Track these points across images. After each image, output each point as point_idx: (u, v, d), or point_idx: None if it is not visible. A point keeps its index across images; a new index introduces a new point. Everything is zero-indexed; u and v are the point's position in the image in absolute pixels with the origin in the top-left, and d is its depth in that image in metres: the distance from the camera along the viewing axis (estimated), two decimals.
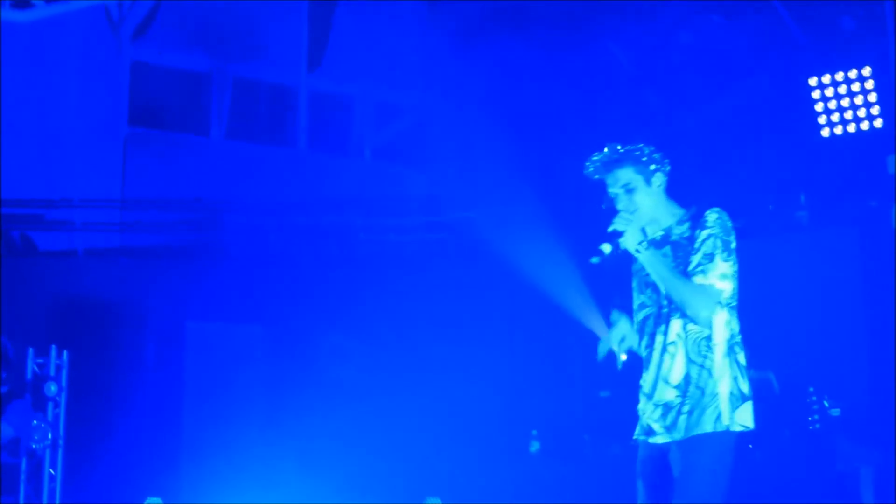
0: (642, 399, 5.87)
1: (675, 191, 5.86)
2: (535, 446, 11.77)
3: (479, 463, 11.60)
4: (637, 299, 5.97)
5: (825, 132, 11.09)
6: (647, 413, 5.82)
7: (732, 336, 5.75)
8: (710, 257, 5.64)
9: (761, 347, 6.40)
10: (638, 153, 5.89)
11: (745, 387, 5.73)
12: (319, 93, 13.30)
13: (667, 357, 5.75)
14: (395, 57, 13.25)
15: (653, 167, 5.84)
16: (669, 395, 5.71)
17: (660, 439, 5.74)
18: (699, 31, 11.70)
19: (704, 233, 5.68)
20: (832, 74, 11.01)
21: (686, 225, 5.78)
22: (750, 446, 10.05)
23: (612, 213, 5.81)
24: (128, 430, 11.35)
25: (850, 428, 10.13)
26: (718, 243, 5.66)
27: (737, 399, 5.68)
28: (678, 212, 5.85)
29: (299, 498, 10.88)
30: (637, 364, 12.38)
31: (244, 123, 12.96)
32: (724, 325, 5.71)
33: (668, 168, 5.87)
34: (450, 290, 12.48)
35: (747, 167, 11.05)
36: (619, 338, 5.91)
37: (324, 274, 12.31)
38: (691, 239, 5.71)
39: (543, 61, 12.19)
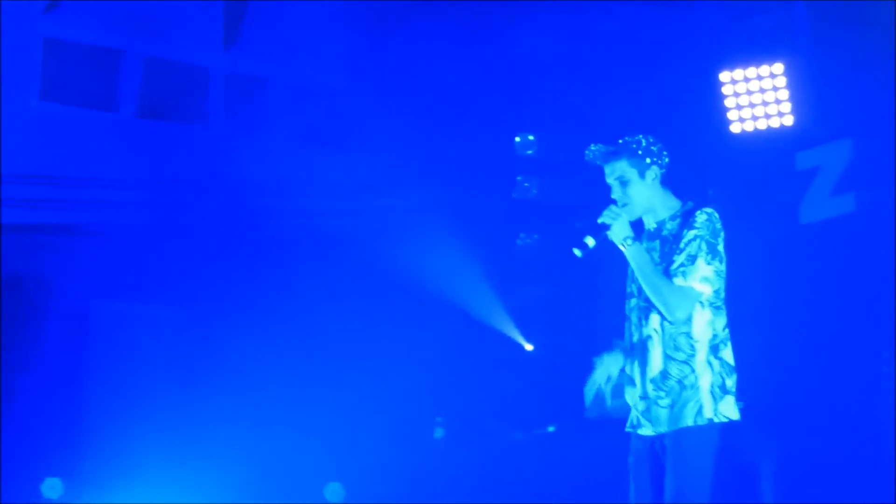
0: (628, 389, 6.04)
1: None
2: (439, 433, 11.78)
3: (382, 448, 11.58)
4: (628, 287, 6.08)
5: (735, 128, 11.16)
6: (634, 404, 6.00)
7: (716, 335, 5.84)
8: (692, 259, 5.76)
9: None
10: (635, 146, 5.97)
11: (729, 382, 5.84)
12: (235, 73, 13.18)
13: (645, 351, 5.90)
14: (312, 38, 13.16)
15: (648, 160, 5.94)
16: (649, 388, 5.87)
17: (644, 431, 5.92)
18: (618, 21, 11.74)
19: (691, 233, 5.80)
20: (744, 70, 11.08)
21: (677, 221, 5.90)
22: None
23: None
24: (29, 410, 11.21)
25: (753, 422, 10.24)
26: (703, 245, 5.77)
27: (719, 393, 5.79)
28: (674, 204, 5.99)
29: (202, 480, 10.83)
30: (545, 356, 12.45)
31: (156, 101, 12.81)
32: (706, 325, 5.82)
33: (666, 160, 5.98)
34: (362, 275, 12.44)
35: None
36: (604, 377, 6.07)
37: (234, 255, 12.23)
38: (678, 237, 5.82)
39: (464, 45, 12.18)
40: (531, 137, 12.55)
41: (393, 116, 12.69)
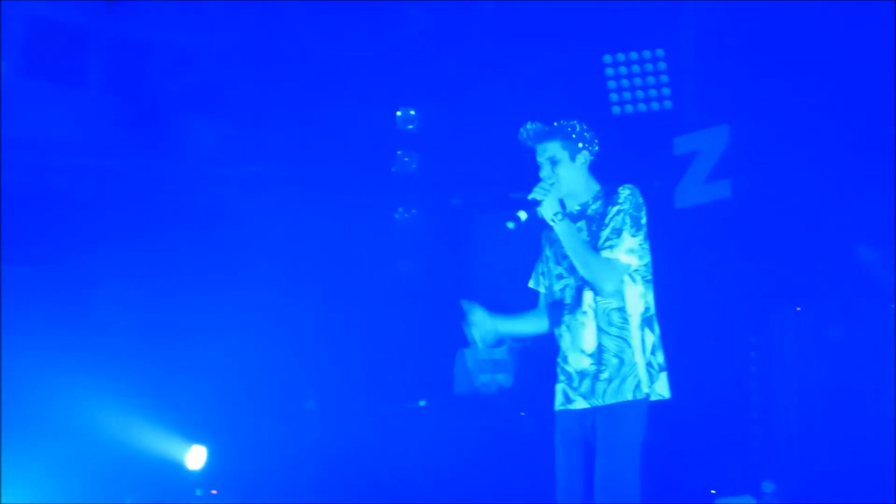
0: (560, 368, 6.17)
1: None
2: (310, 405, 11.75)
3: (252, 414, 11.52)
4: (555, 269, 6.25)
5: (616, 110, 11.25)
6: (564, 380, 6.11)
7: (647, 308, 6.06)
8: (618, 232, 5.98)
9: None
10: (570, 129, 6.17)
11: (660, 357, 6.03)
12: (114, 35, 12.98)
13: (579, 326, 6.05)
14: (195, 3, 13.01)
15: (580, 145, 6.16)
16: (584, 362, 6.02)
17: (577, 405, 6.04)
18: None
19: (615, 209, 6.02)
20: (626, 53, 11.16)
21: (600, 202, 6.10)
22: (522, 414, 10.18)
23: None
24: None
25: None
26: (627, 219, 5.99)
27: (654, 369, 5.98)
28: (596, 188, 6.19)
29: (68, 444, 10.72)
30: (418, 329, 12.49)
31: (37, 62, 12.59)
32: (638, 297, 6.04)
33: (596, 148, 6.21)
34: (238, 243, 12.36)
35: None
36: (481, 330, 6.27)
37: (107, 219, 12.07)
38: (603, 214, 6.03)
39: (346, 16, 12.11)
40: (412, 112, 12.54)
41: (274, 86, 12.61)
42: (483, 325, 6.27)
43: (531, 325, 6.43)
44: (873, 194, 9.73)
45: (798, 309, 10.26)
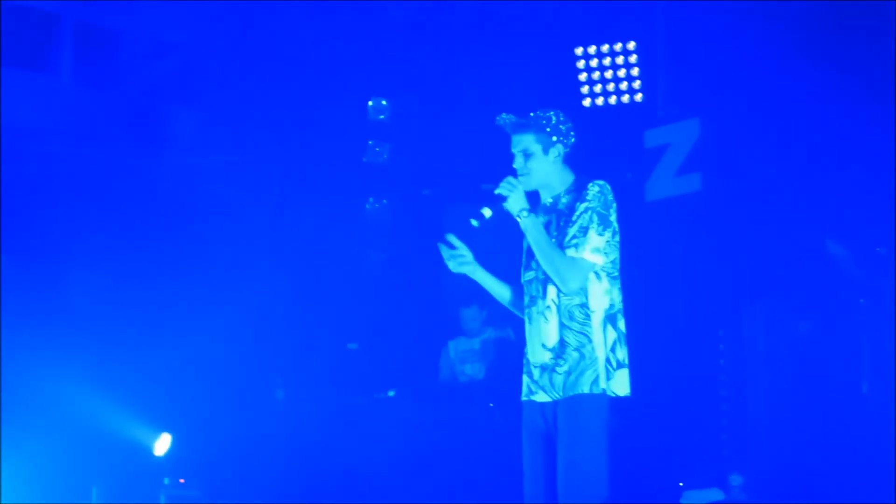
0: (525, 360, 6.15)
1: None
2: (279, 394, 11.75)
3: (221, 404, 11.51)
4: (524, 262, 6.19)
5: (587, 102, 11.26)
6: (527, 372, 6.11)
7: (612, 305, 6.00)
8: (584, 231, 5.91)
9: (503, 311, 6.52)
10: (544, 122, 6.08)
11: (621, 354, 5.99)
12: (86, 22, 12.92)
13: (543, 321, 6.02)
14: None
15: (554, 138, 6.07)
16: (545, 356, 6.00)
17: (538, 398, 6.04)
18: None
19: (582, 206, 5.94)
20: (598, 46, 11.17)
21: (571, 195, 6.04)
22: (491, 405, 10.19)
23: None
24: None
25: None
26: (595, 217, 5.91)
27: (612, 366, 5.94)
28: (570, 179, 6.12)
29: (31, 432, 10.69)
30: (387, 321, 12.47)
31: (8, 47, 12.51)
32: (602, 294, 5.98)
33: (572, 140, 6.12)
34: (209, 232, 12.34)
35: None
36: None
37: (77, 207, 12.03)
38: (572, 210, 5.96)
39: (319, 7, 12.09)
40: (384, 102, 12.53)
41: (247, 76, 12.59)
42: (465, 256, 6.18)
43: (502, 290, 6.33)
44: (843, 189, 9.76)
45: (768, 303, 10.28)
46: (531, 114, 6.14)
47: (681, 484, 10.08)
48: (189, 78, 12.91)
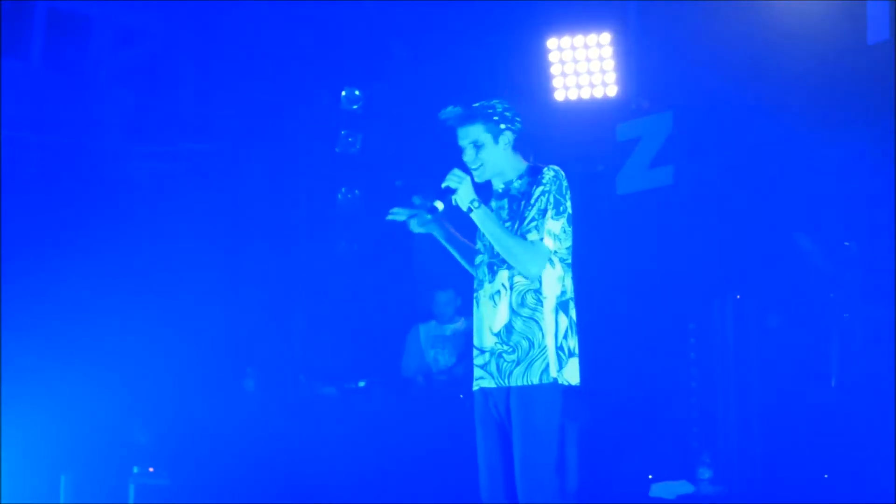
0: (473, 345, 6.14)
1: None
2: (249, 384, 11.72)
3: (190, 393, 11.46)
4: (477, 245, 6.18)
5: (559, 95, 11.25)
6: (476, 358, 6.08)
7: (564, 292, 5.99)
8: (542, 213, 5.90)
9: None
10: (490, 111, 6.06)
11: (572, 343, 5.97)
12: (58, 8, 12.86)
13: (491, 305, 5.99)
14: None
15: (503, 126, 6.05)
16: (491, 341, 5.97)
17: (485, 383, 6.02)
18: None
19: (539, 189, 5.92)
20: (571, 38, 11.15)
21: (524, 180, 6.05)
22: (461, 396, 10.19)
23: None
24: None
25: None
26: (551, 200, 5.90)
27: (564, 354, 5.92)
28: (521, 166, 6.10)
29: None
30: (359, 312, 12.45)
31: None
32: (556, 281, 5.96)
33: (519, 126, 6.09)
34: (178, 221, 12.31)
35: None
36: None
37: (50, 196, 11.98)
38: (527, 194, 5.95)
39: None
40: (357, 92, 12.50)
41: (217, 64, 12.55)
42: (426, 215, 6.11)
43: (468, 252, 6.28)
44: (814, 183, 9.79)
45: (738, 297, 10.30)
46: (475, 104, 6.11)
47: (650, 476, 10.09)
48: (160, 65, 12.87)
